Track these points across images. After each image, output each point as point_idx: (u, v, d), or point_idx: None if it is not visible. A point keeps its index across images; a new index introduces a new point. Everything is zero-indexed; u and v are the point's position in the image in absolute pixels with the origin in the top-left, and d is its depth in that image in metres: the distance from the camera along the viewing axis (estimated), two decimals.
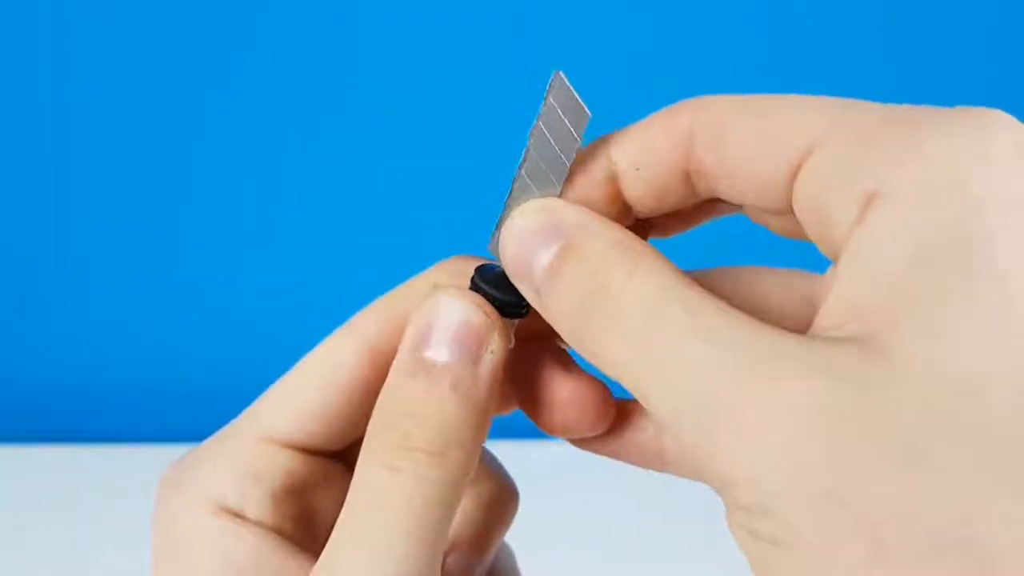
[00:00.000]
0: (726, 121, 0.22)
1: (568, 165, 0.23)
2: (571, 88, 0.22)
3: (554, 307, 0.21)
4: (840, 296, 0.19)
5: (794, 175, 0.21)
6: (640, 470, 0.26)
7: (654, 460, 0.26)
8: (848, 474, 0.17)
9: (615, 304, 0.20)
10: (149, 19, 0.65)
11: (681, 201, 0.23)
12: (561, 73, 0.22)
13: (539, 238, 0.22)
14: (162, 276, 0.71)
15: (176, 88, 0.66)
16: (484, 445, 0.24)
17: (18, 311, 0.72)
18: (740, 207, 0.24)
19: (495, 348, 0.23)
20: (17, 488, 0.66)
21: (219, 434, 0.26)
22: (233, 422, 0.26)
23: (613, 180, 0.23)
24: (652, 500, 0.54)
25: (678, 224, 0.25)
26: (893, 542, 0.17)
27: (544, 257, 0.22)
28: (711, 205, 0.24)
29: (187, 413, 0.73)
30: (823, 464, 0.17)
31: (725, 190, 0.23)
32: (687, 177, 0.23)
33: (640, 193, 0.23)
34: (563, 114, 0.22)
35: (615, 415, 0.25)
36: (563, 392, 0.25)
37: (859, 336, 0.18)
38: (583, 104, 0.22)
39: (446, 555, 0.27)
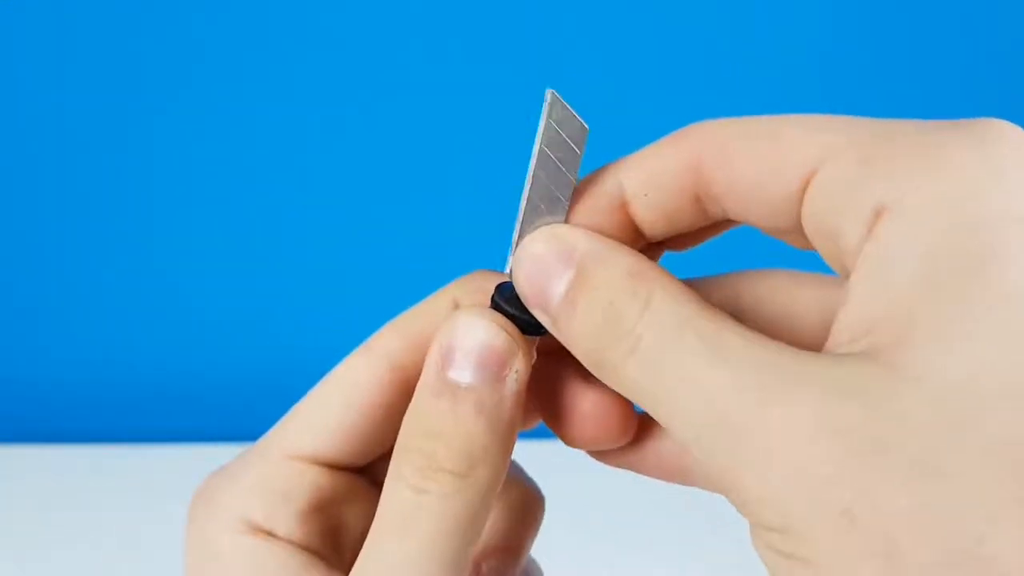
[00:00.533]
0: (732, 143, 0.22)
1: (574, 181, 0.23)
2: (566, 104, 0.22)
3: (571, 335, 0.22)
4: (852, 311, 0.19)
5: (802, 193, 0.21)
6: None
7: (676, 474, 0.26)
8: (861, 490, 0.17)
9: (631, 334, 0.20)
10: (150, 21, 0.65)
11: (692, 224, 0.24)
12: (554, 91, 0.22)
13: (552, 267, 0.22)
14: (163, 276, 0.71)
15: (177, 88, 0.66)
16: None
17: (18, 311, 0.72)
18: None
19: (518, 368, 0.23)
20: (17, 488, 0.66)
21: (246, 452, 0.27)
22: (260, 440, 0.27)
23: (623, 207, 0.23)
24: (662, 499, 0.54)
25: (689, 243, 0.25)
26: (907, 556, 0.17)
27: (559, 286, 0.22)
28: (722, 224, 0.24)
29: (187, 413, 0.73)
30: (836, 481, 0.17)
31: (735, 211, 0.23)
32: (697, 200, 0.23)
33: (651, 218, 0.23)
34: (562, 131, 0.22)
35: (637, 428, 0.25)
36: (584, 404, 0.25)
37: (871, 351, 0.18)
38: (580, 119, 0.22)
39: (482, 561, 0.27)
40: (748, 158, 0.22)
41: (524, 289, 0.22)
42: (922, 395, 0.17)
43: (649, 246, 0.24)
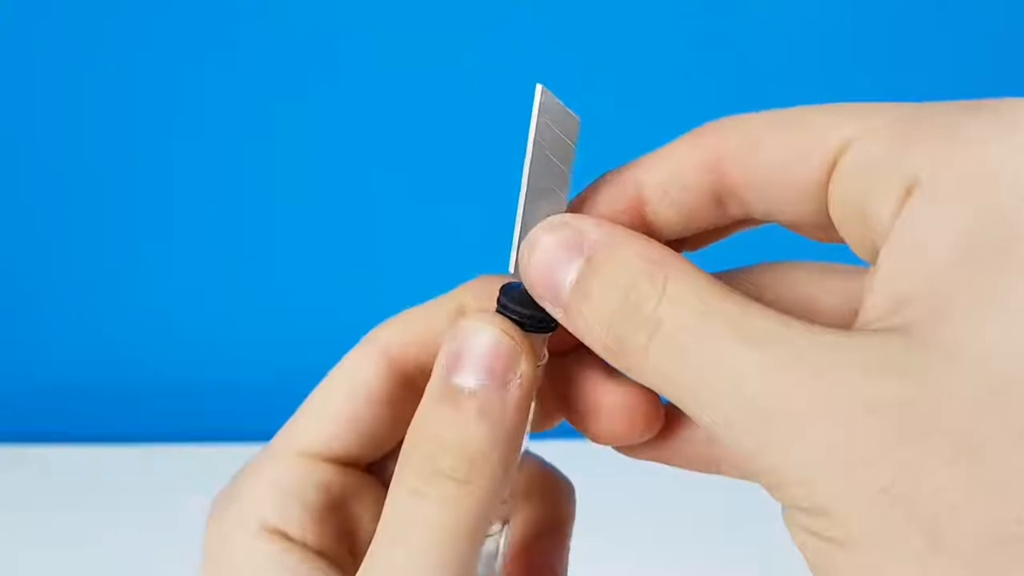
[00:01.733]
0: (755, 135, 0.22)
1: (569, 175, 0.23)
2: (556, 98, 0.22)
3: (584, 324, 0.21)
4: (883, 287, 0.19)
5: (828, 178, 0.21)
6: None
7: (707, 463, 0.25)
8: (901, 469, 0.17)
9: (651, 320, 0.20)
10: (147, 21, 0.65)
11: (709, 223, 0.24)
12: (543, 86, 0.22)
13: (562, 255, 0.21)
14: (162, 277, 0.71)
15: (176, 89, 0.66)
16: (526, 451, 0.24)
17: (18, 311, 0.72)
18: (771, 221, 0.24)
19: (523, 371, 0.22)
20: (17, 488, 0.66)
21: (260, 453, 0.27)
22: (272, 441, 0.27)
23: (640, 206, 0.23)
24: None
25: (704, 242, 0.25)
26: (950, 535, 0.16)
27: (569, 274, 0.21)
28: (739, 224, 0.24)
29: (187, 413, 0.73)
30: (876, 460, 0.17)
31: (758, 205, 0.23)
32: (717, 199, 0.23)
33: (669, 218, 0.23)
34: (554, 125, 0.22)
35: (664, 420, 0.25)
36: (608, 400, 0.25)
37: (904, 326, 0.18)
38: (571, 111, 0.22)
39: (531, 547, 0.28)
40: (774, 147, 0.21)
41: (532, 281, 0.22)
42: (960, 372, 0.17)
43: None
